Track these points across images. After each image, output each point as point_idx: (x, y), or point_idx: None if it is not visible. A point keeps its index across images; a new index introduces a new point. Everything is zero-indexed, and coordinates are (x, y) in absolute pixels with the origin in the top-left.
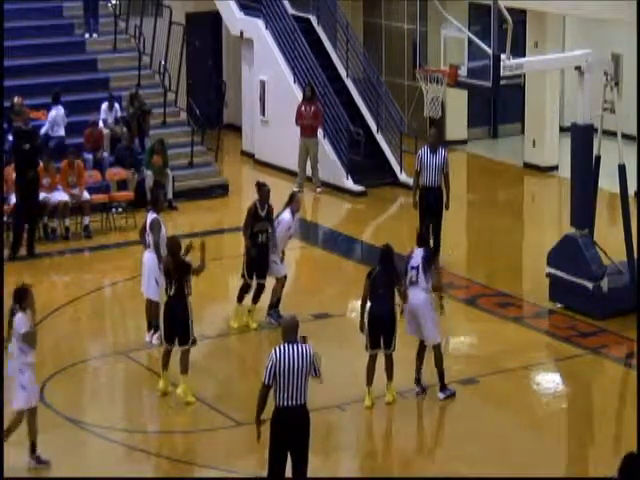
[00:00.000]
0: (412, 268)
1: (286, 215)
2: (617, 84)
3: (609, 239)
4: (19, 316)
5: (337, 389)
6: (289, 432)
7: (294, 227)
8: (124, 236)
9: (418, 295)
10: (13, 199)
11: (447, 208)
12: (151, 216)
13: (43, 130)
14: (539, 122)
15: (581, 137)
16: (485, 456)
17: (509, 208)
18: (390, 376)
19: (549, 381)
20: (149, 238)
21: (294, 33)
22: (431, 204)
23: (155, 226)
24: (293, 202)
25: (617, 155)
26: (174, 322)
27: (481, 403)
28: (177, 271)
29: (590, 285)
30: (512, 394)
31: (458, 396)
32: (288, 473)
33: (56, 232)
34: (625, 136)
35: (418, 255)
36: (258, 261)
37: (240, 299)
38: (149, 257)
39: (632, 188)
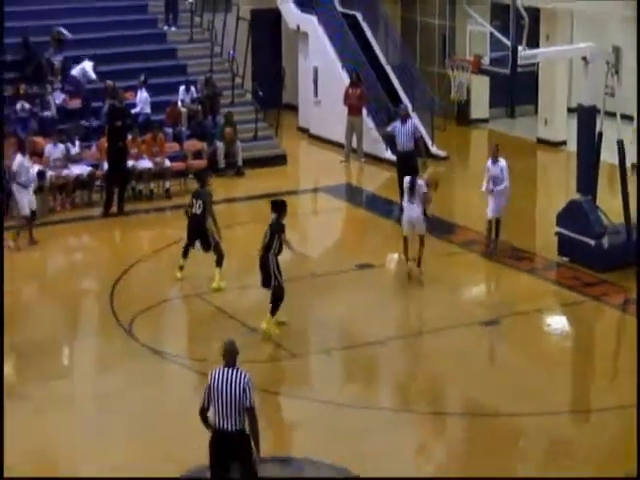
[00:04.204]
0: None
1: None
2: (617, 72)
3: (609, 204)
4: None
5: (378, 328)
6: (225, 457)
7: None
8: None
9: (416, 210)
10: (106, 166)
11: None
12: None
13: (135, 110)
14: (550, 104)
15: (586, 117)
16: (504, 386)
17: (524, 177)
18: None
19: (557, 323)
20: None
21: (342, 27)
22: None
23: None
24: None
25: (616, 132)
26: (196, 231)
27: (501, 340)
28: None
29: (592, 242)
30: (527, 333)
31: (482, 334)
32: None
33: (142, 193)
34: (623, 116)
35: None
36: None
37: None
38: None
39: (629, 160)
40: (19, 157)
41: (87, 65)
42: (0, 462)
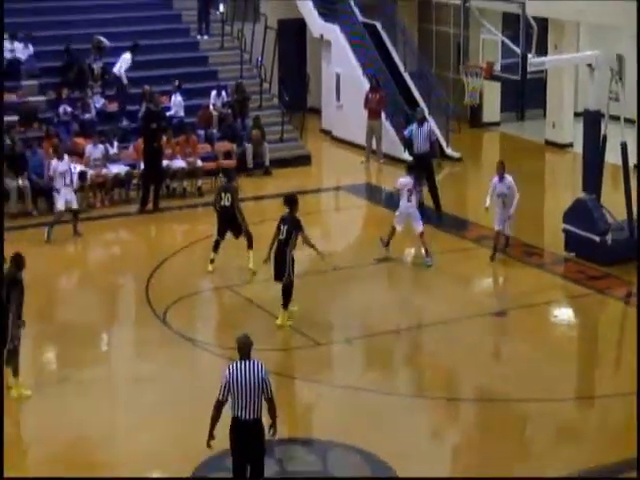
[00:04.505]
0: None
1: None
2: (620, 78)
3: (612, 202)
4: None
5: (395, 318)
6: (244, 442)
7: None
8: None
9: (412, 204)
10: (142, 165)
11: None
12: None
13: (170, 113)
14: (557, 108)
15: (591, 120)
16: (513, 373)
17: (533, 176)
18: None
19: (564, 314)
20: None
21: (363, 36)
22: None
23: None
24: None
25: (620, 135)
26: (226, 222)
27: (510, 330)
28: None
29: (597, 238)
30: (535, 324)
31: (492, 324)
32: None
33: (176, 191)
34: (626, 120)
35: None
36: None
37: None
38: None
39: (632, 161)
40: (54, 162)
41: (127, 57)
42: (0, 462)
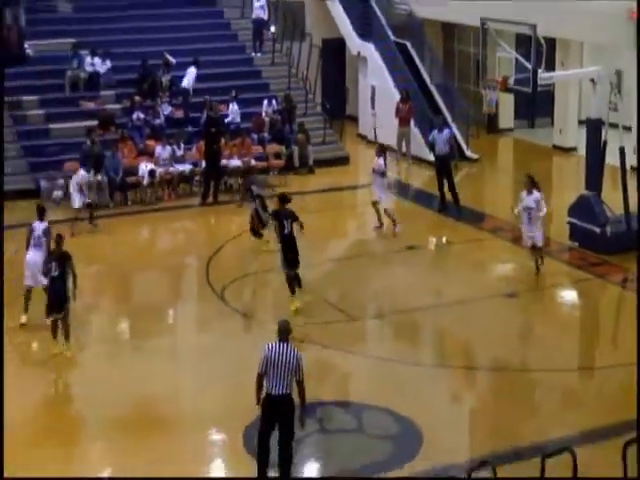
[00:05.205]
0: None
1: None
2: (619, 91)
3: (611, 199)
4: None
5: (421, 298)
6: (274, 415)
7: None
8: (278, 190)
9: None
10: (203, 164)
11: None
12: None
13: (227, 119)
14: (564, 116)
15: (593, 127)
16: (523, 346)
17: (542, 176)
18: None
19: (568, 296)
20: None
21: (395, 53)
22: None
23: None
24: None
25: (618, 140)
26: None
27: (521, 309)
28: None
29: (598, 230)
30: (542, 304)
31: (504, 304)
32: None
33: (232, 187)
34: (624, 127)
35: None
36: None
37: None
38: None
39: (629, 164)
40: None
41: (192, 71)
42: (0, 462)
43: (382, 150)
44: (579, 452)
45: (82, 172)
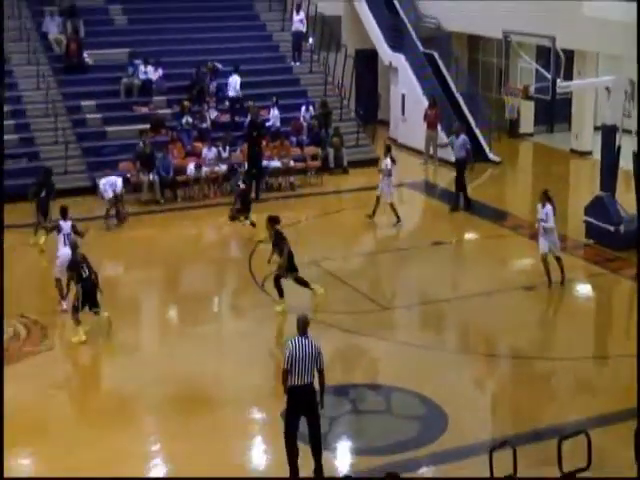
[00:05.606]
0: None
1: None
2: (633, 99)
3: (625, 200)
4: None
5: (445, 290)
6: (299, 405)
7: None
8: (314, 189)
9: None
10: (246, 165)
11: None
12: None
13: (268, 123)
14: (580, 122)
15: (608, 133)
16: (542, 336)
17: (559, 178)
18: None
19: (584, 289)
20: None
21: (423, 63)
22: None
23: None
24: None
25: (631, 145)
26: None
27: (539, 301)
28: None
29: (612, 228)
30: (559, 297)
31: (523, 296)
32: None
33: (273, 186)
34: (637, 133)
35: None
36: None
37: None
38: None
39: None
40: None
41: (236, 78)
42: (0, 462)
43: (388, 151)
44: (593, 435)
45: (113, 177)
